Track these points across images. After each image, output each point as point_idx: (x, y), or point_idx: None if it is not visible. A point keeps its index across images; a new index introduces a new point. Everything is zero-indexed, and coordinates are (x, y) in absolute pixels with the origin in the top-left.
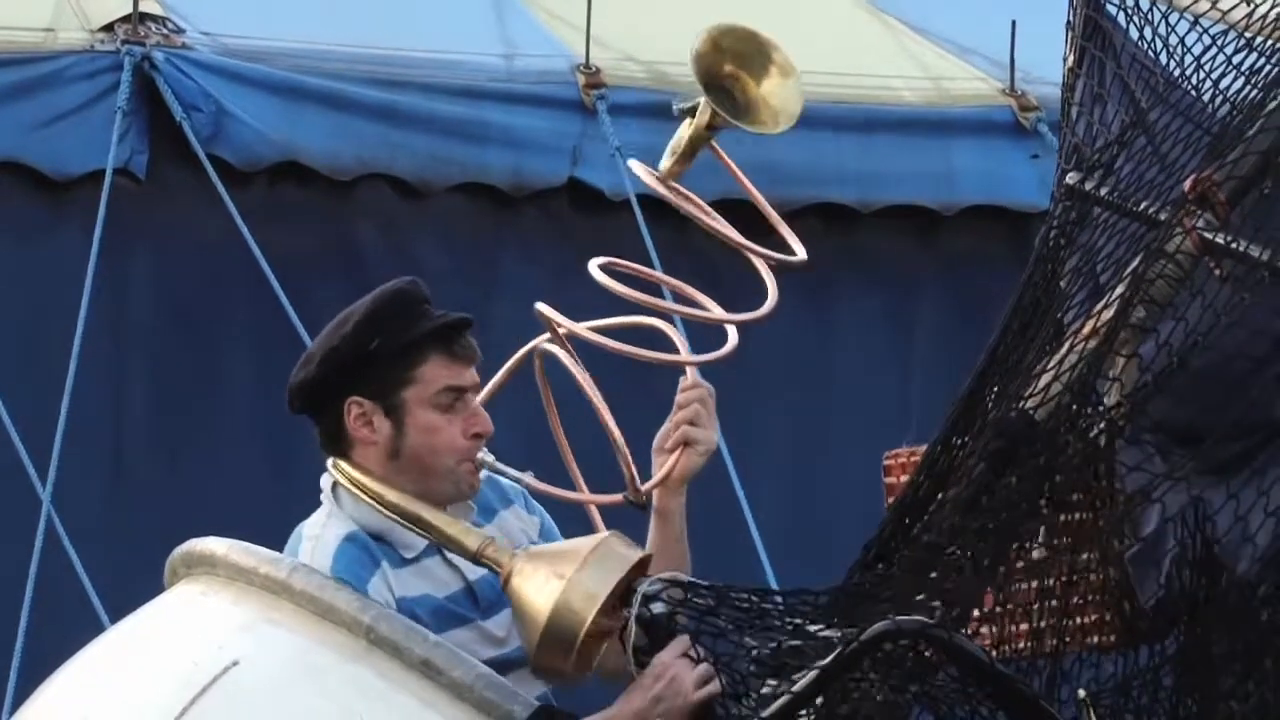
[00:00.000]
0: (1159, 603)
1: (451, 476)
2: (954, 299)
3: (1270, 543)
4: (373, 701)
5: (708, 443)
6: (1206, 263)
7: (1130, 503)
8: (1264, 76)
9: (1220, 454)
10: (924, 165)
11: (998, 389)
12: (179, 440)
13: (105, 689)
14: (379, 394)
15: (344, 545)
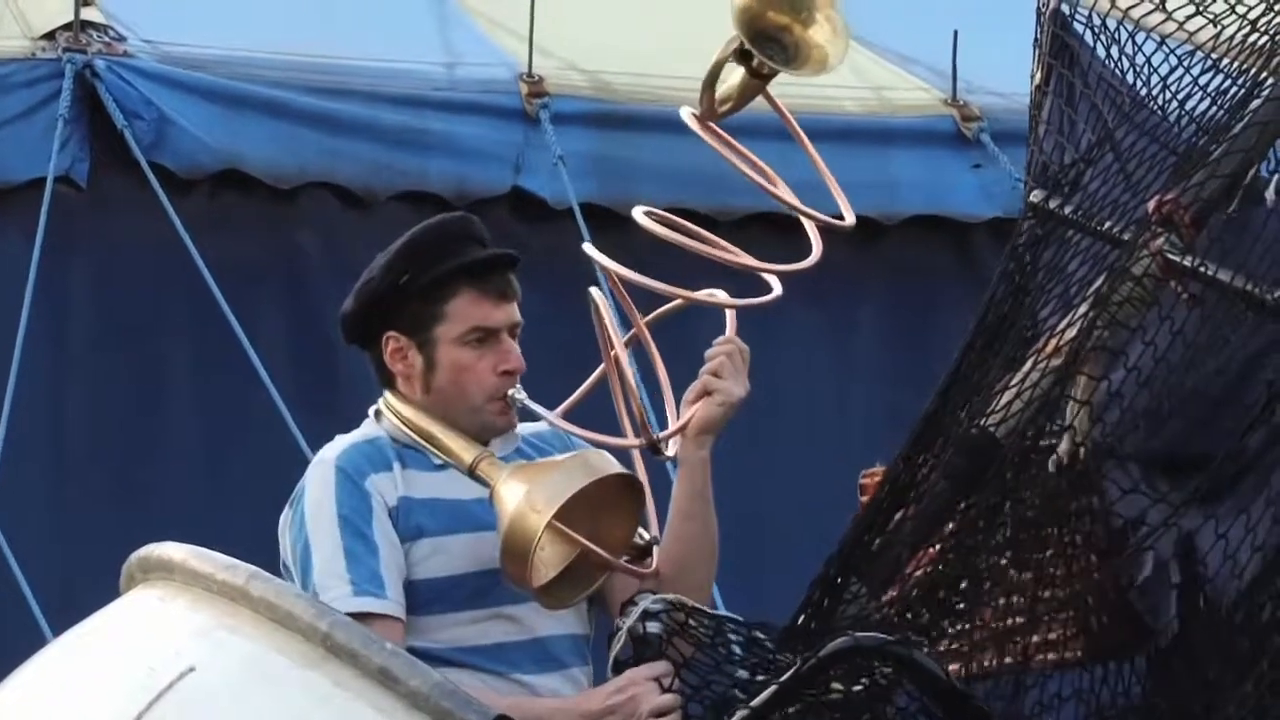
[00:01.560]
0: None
1: (480, 413)
2: (895, 307)
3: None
4: (329, 709)
5: (726, 393)
6: (1168, 282)
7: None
8: (1230, 98)
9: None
10: (866, 175)
11: (960, 409)
12: (121, 447)
13: (61, 693)
14: (412, 329)
15: (355, 444)
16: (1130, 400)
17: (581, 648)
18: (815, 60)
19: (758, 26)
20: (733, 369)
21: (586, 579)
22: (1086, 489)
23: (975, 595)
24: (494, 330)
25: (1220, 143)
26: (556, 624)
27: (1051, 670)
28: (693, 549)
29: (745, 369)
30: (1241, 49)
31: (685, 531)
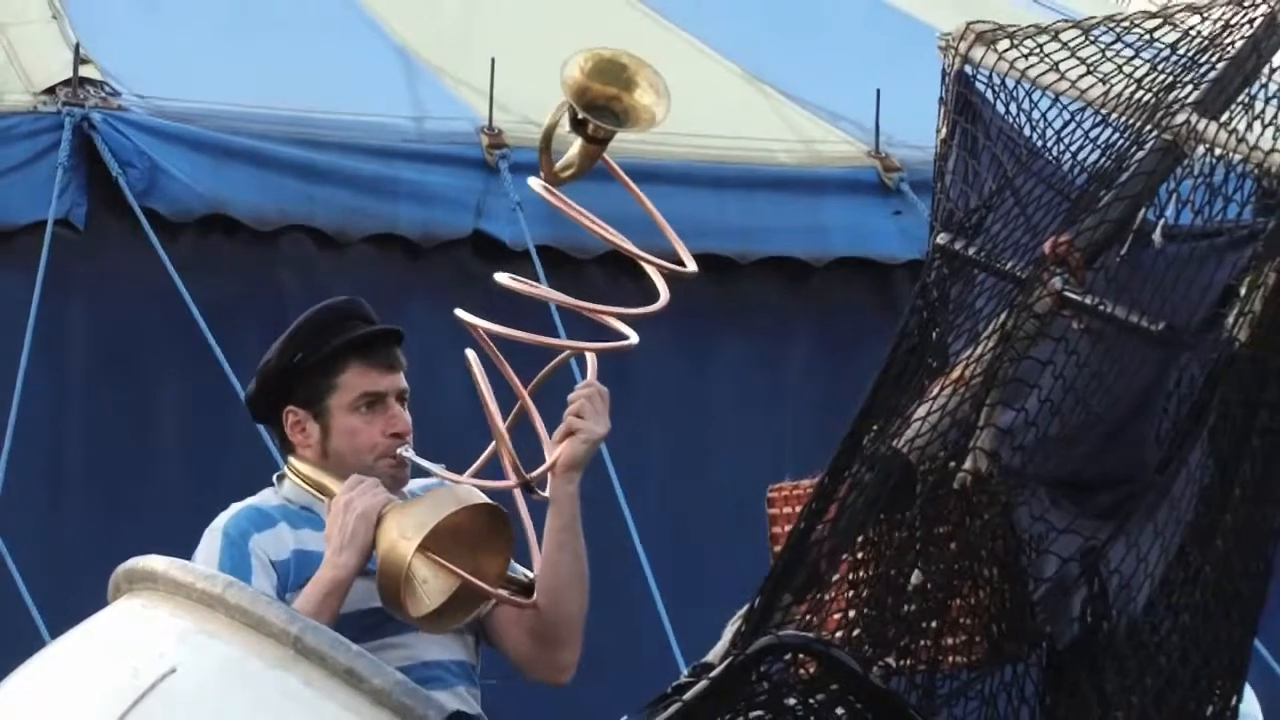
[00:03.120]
0: (1073, 642)
1: (372, 471)
2: (824, 342)
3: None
4: (299, 706)
5: (588, 432)
6: (1066, 317)
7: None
8: (1117, 149)
9: (1105, 502)
10: (797, 220)
11: (876, 429)
12: (114, 470)
13: (54, 692)
14: (308, 402)
15: (241, 510)
16: (1036, 426)
17: (469, 673)
18: (644, 120)
19: (587, 99)
20: (593, 409)
21: (467, 607)
22: (990, 506)
23: (888, 602)
24: (381, 396)
25: (1109, 190)
26: (441, 651)
27: (956, 672)
28: (564, 577)
29: (605, 408)
30: (1128, 105)
31: (557, 560)
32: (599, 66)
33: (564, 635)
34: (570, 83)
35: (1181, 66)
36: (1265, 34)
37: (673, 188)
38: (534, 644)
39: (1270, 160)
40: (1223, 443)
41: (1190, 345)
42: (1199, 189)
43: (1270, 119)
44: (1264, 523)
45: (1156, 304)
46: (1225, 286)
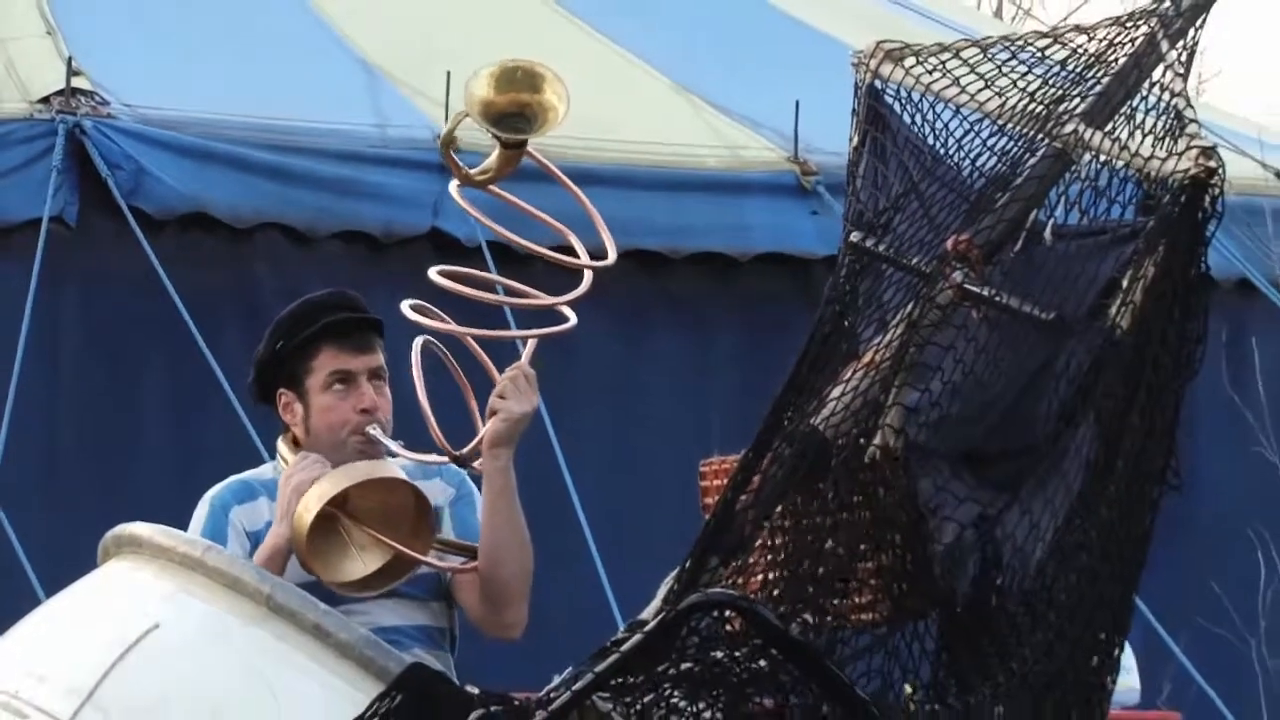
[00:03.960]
0: (970, 600)
1: (345, 446)
2: (747, 330)
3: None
4: (272, 658)
5: (508, 412)
6: (966, 307)
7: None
8: (1011, 156)
9: (1001, 473)
10: (722, 219)
11: (794, 410)
12: (104, 445)
13: (48, 647)
14: (292, 385)
15: (229, 483)
16: (939, 405)
17: (432, 636)
18: (551, 121)
19: (494, 112)
20: (515, 390)
21: (391, 574)
22: (896, 478)
23: (804, 565)
24: (352, 375)
25: (1005, 192)
26: (399, 617)
27: (865, 628)
28: (501, 541)
29: (531, 388)
30: (1022, 116)
31: (493, 526)
32: (504, 76)
33: (507, 595)
34: (474, 97)
35: (1070, 81)
36: (1146, 51)
37: (609, 189)
38: (483, 604)
39: (1149, 165)
40: (1106, 420)
41: (1078, 332)
42: (1085, 192)
43: (1150, 128)
44: (1143, 492)
45: (1048, 295)
46: (1109, 279)
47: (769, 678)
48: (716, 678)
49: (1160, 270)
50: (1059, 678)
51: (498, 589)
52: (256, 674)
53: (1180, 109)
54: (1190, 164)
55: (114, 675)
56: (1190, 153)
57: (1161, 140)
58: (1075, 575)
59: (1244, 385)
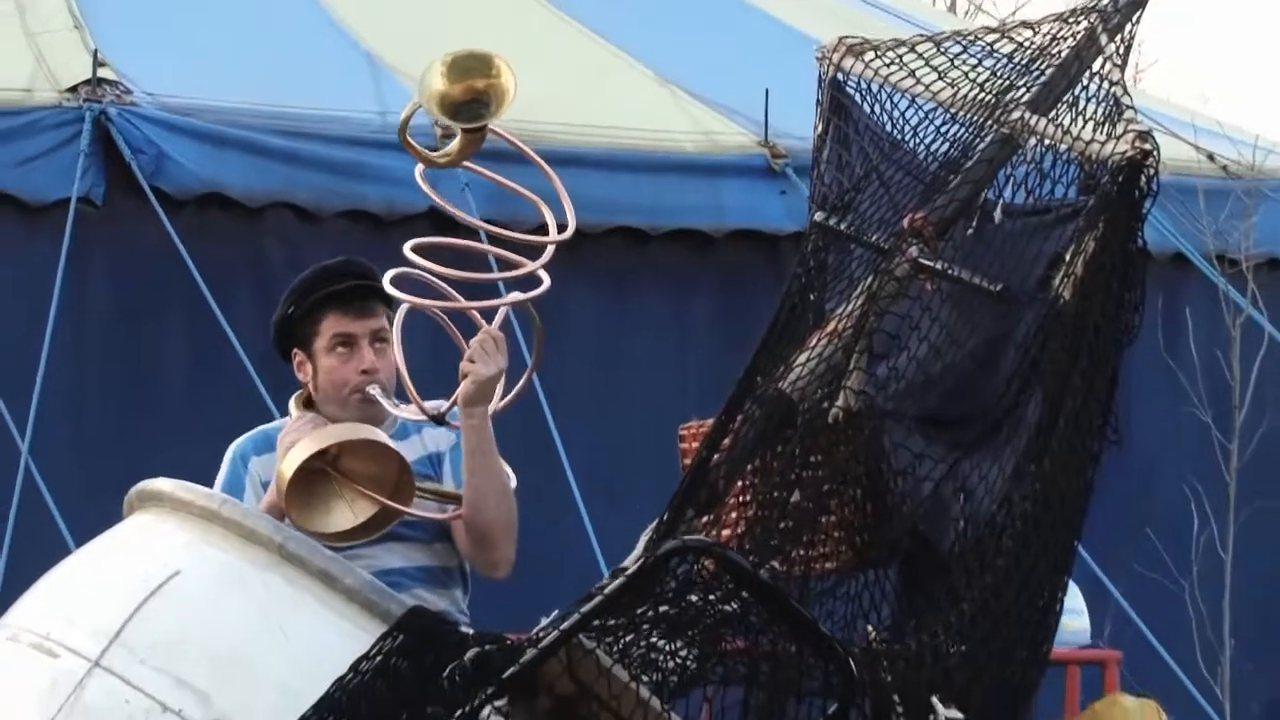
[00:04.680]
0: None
1: (348, 404)
2: (721, 301)
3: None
4: (283, 602)
5: (475, 374)
6: (921, 280)
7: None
8: (961, 141)
9: (957, 434)
10: (699, 199)
11: (764, 375)
12: (127, 404)
13: (77, 593)
14: (303, 346)
15: (251, 435)
16: (897, 370)
17: (436, 576)
18: (506, 102)
19: (451, 102)
20: (483, 353)
21: (377, 525)
22: (856, 437)
23: (772, 517)
24: (353, 338)
25: (957, 175)
26: (401, 560)
27: (827, 575)
28: (481, 490)
29: (499, 350)
30: (972, 104)
31: (473, 477)
32: (456, 66)
33: (491, 538)
34: (430, 91)
35: (1017, 72)
36: (1086, 45)
37: (595, 171)
38: (471, 545)
39: (1090, 149)
40: (1050, 382)
41: (1025, 303)
42: (1031, 174)
43: (1090, 115)
44: (1084, 448)
45: (996, 269)
46: (1053, 254)
47: (740, 619)
48: (692, 620)
49: (1100, 245)
50: (1007, 617)
51: (481, 532)
52: (269, 616)
53: (1118, 97)
54: (1128, 147)
55: (138, 618)
56: (1128, 136)
57: (1101, 125)
58: (1021, 523)
59: (1178, 351)
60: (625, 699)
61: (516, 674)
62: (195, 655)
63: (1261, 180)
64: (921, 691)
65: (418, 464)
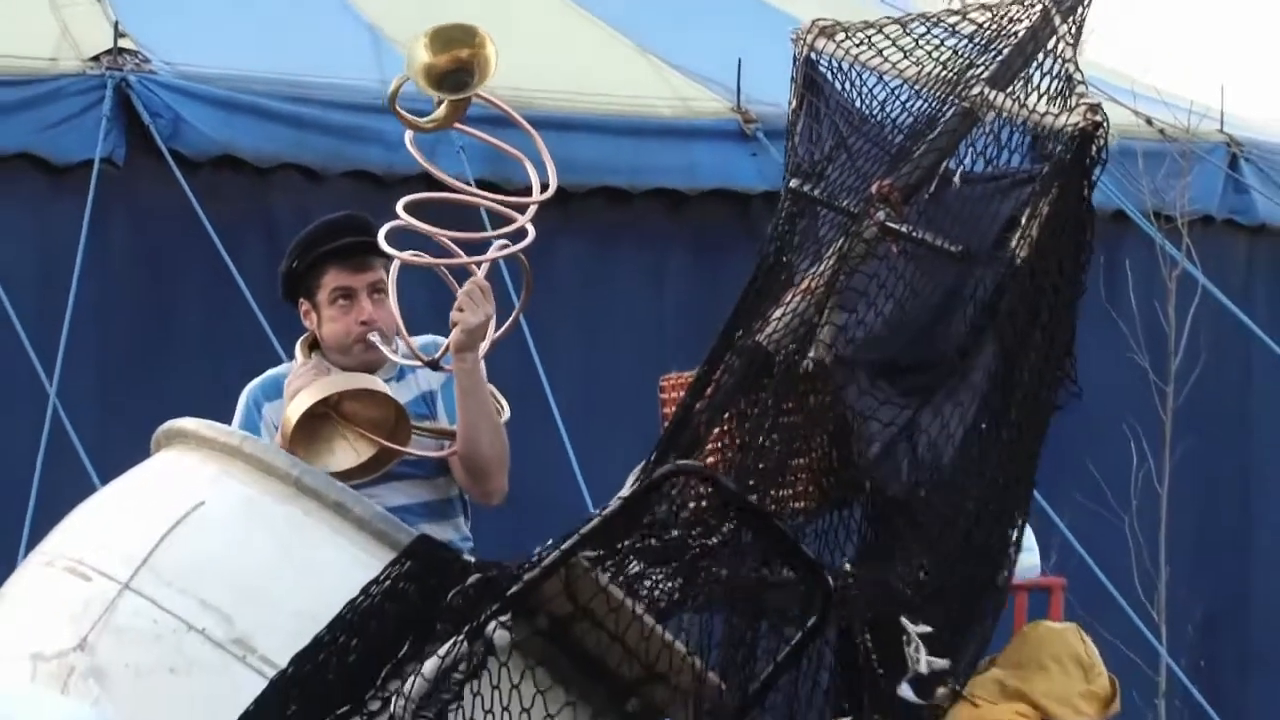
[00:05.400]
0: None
1: (350, 352)
2: (695, 254)
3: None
4: (299, 531)
5: (464, 322)
6: (888, 242)
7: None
8: (925, 115)
9: (918, 382)
10: (676, 160)
11: (742, 329)
12: (148, 351)
13: (109, 523)
14: (308, 297)
15: (264, 379)
16: (865, 324)
17: (440, 508)
18: (489, 71)
19: (437, 72)
20: (470, 303)
21: (378, 464)
22: (826, 386)
23: (748, 459)
24: (352, 290)
25: (920, 145)
26: (405, 497)
27: (798, 515)
28: (472, 426)
29: (485, 299)
30: (935, 81)
31: (466, 416)
32: (439, 38)
33: (485, 470)
34: (416, 63)
35: (977, 51)
36: (1041, 25)
37: (582, 134)
38: (467, 478)
39: (1045, 121)
40: (1008, 336)
41: (984, 262)
42: (990, 144)
43: (1045, 90)
44: (1045, 399)
45: (957, 231)
46: (1010, 217)
47: (724, 547)
48: (678, 551)
49: (1053, 208)
50: (969, 551)
51: (475, 465)
52: (287, 544)
53: (1071, 73)
54: (1080, 118)
55: (165, 544)
56: (1080, 108)
57: (1055, 99)
58: (981, 466)
59: (1118, 301)
60: (619, 616)
61: (519, 593)
62: (218, 579)
63: (1195, 143)
64: (890, 609)
65: (414, 403)
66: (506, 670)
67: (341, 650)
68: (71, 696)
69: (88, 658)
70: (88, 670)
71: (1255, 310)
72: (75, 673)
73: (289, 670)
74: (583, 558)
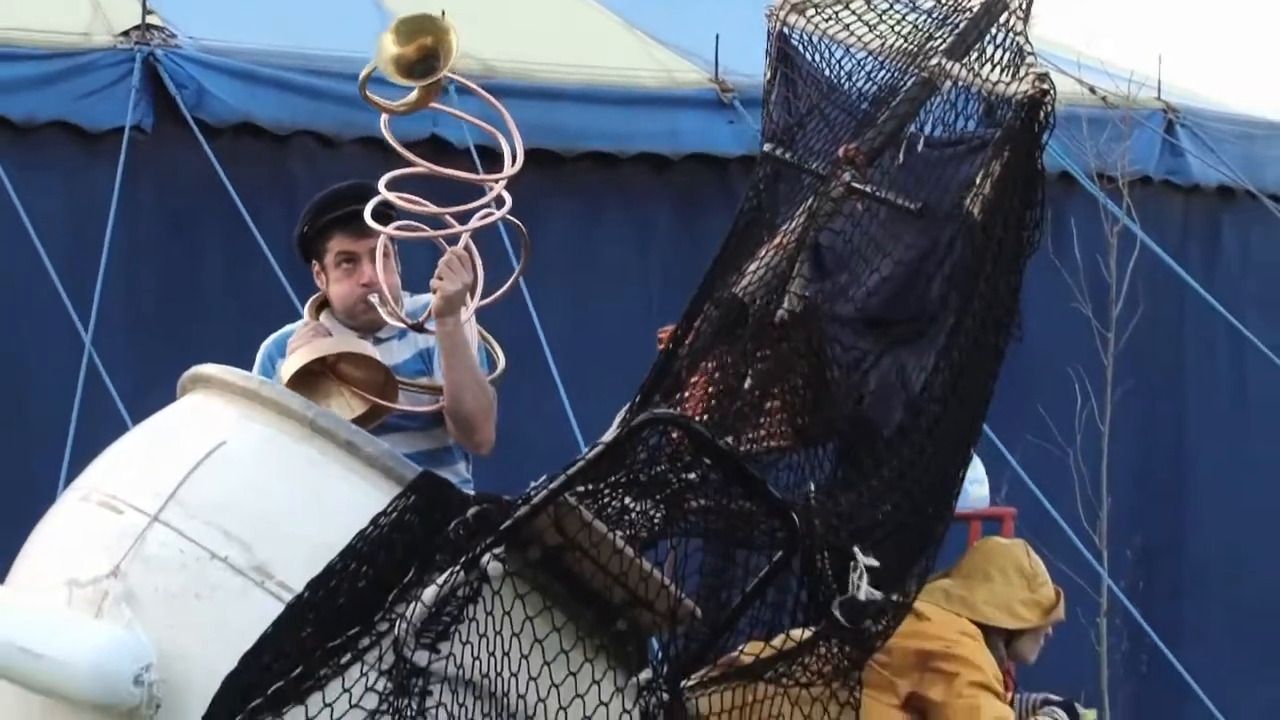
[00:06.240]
0: (856, 426)
1: (353, 312)
2: (678, 213)
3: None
4: (314, 467)
5: (443, 289)
6: (854, 201)
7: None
8: (887, 84)
9: (890, 332)
10: (660, 126)
11: (720, 282)
12: (176, 304)
13: (139, 460)
14: (318, 259)
15: (278, 335)
16: (832, 276)
17: (436, 457)
18: (453, 53)
19: (407, 62)
20: (449, 271)
21: (374, 417)
22: (797, 333)
23: (727, 401)
24: (355, 255)
25: (883, 112)
26: (404, 447)
27: (773, 452)
28: (457, 384)
29: (464, 266)
30: (897, 53)
31: (451, 374)
32: (405, 29)
33: (472, 423)
34: (386, 55)
35: (935, 25)
36: (994, 1)
37: (573, 103)
38: (456, 430)
39: (997, 89)
40: (963, 285)
41: (941, 219)
42: (947, 111)
43: (998, 60)
44: (991, 343)
45: (918, 191)
46: (965, 178)
47: (700, 483)
48: (659, 485)
49: (1004, 170)
50: (922, 483)
51: (462, 419)
52: (302, 479)
53: (1021, 45)
54: (1029, 87)
55: (191, 480)
56: (1029, 78)
57: (1006, 69)
58: (937, 406)
59: (1064, 255)
60: (603, 548)
61: (511, 526)
62: (240, 512)
63: (1135, 110)
64: (846, 541)
65: (414, 359)
66: (500, 597)
67: (352, 577)
68: (105, 619)
69: (120, 584)
70: (120, 595)
71: (1189, 263)
72: (109, 598)
73: (304, 595)
74: (568, 496)
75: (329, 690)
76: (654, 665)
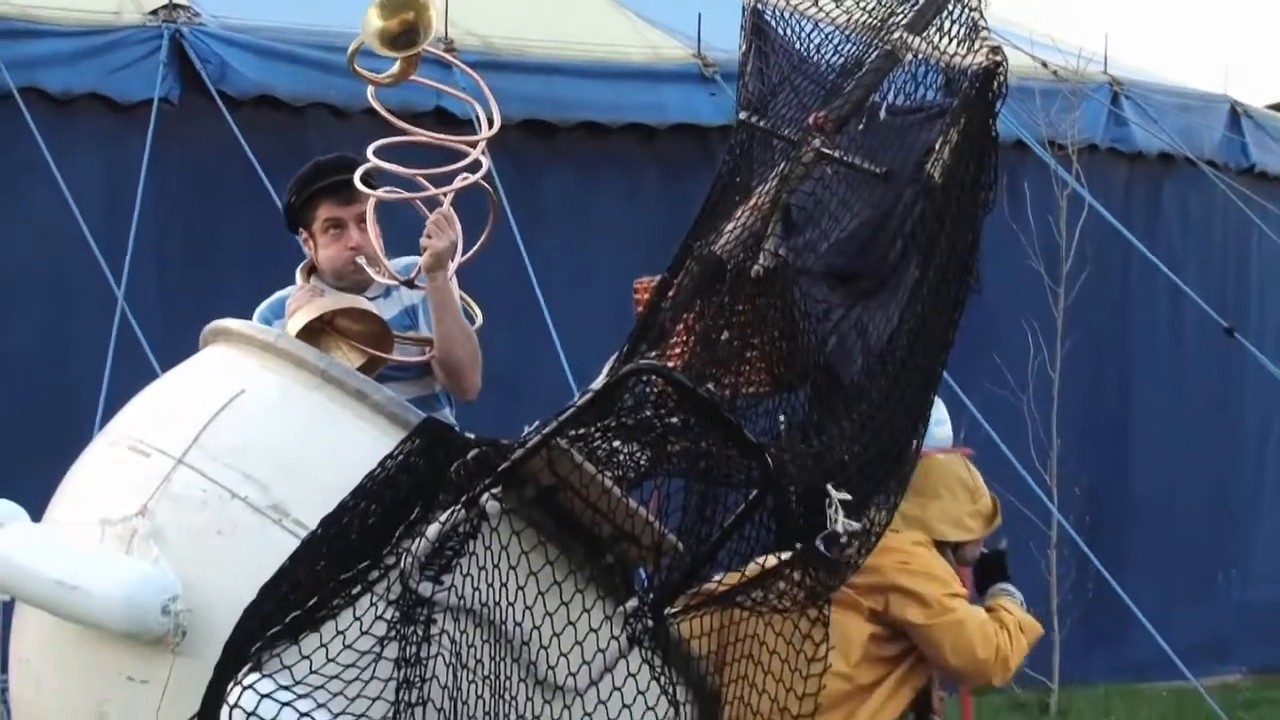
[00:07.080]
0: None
1: (341, 275)
2: (663, 178)
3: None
4: (325, 414)
5: (431, 247)
6: (823, 165)
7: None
8: (853, 56)
9: (853, 287)
10: (647, 99)
11: (700, 240)
12: (200, 262)
13: (165, 407)
14: (306, 227)
15: (272, 300)
16: (803, 234)
17: (428, 403)
18: (433, 26)
19: (390, 35)
20: (437, 230)
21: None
22: (771, 287)
23: (707, 351)
24: (341, 221)
25: (850, 82)
26: (403, 394)
27: (750, 398)
28: (446, 335)
29: (450, 226)
30: (862, 27)
31: (439, 326)
32: (388, 5)
33: (460, 371)
34: (371, 29)
35: (897, 1)
36: None
37: (568, 78)
38: (445, 378)
39: (954, 61)
40: (923, 243)
41: (904, 182)
42: (908, 81)
43: (954, 35)
44: (951, 295)
45: (883, 156)
46: (926, 144)
47: (682, 428)
48: (644, 429)
49: (961, 136)
50: (889, 425)
51: (451, 367)
52: (315, 424)
53: (976, 20)
54: (984, 59)
55: (213, 426)
56: (984, 50)
57: (963, 43)
58: (902, 353)
59: (1018, 216)
60: (593, 487)
61: (508, 468)
62: (258, 455)
63: (1084, 83)
64: (819, 479)
65: (399, 315)
66: (497, 534)
67: (362, 514)
68: (135, 555)
69: (148, 522)
70: (148, 533)
71: (1133, 224)
72: (137, 535)
73: (318, 531)
74: (560, 440)
75: (341, 619)
76: (640, 594)
